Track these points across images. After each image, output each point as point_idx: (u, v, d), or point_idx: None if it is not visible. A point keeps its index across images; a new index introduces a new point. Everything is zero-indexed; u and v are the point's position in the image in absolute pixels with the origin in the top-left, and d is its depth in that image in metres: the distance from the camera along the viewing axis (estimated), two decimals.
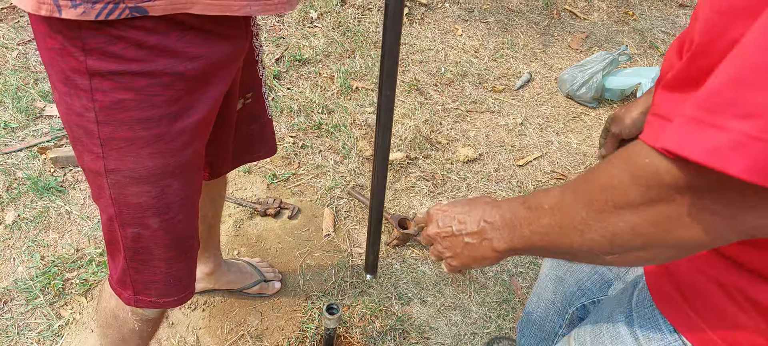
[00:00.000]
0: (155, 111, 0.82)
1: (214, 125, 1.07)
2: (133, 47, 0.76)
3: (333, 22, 3.14)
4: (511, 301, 1.83)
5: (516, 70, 3.01)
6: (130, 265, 0.96)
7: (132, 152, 0.84)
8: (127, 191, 0.87)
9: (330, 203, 2.09)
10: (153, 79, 0.80)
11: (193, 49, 0.81)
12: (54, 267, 1.65)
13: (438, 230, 0.73)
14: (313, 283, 1.80)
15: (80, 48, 0.76)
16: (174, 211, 0.92)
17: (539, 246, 0.60)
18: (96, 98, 0.80)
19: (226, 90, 0.96)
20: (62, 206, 1.83)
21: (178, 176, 0.90)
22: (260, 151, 1.30)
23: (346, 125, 2.44)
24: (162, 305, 1.03)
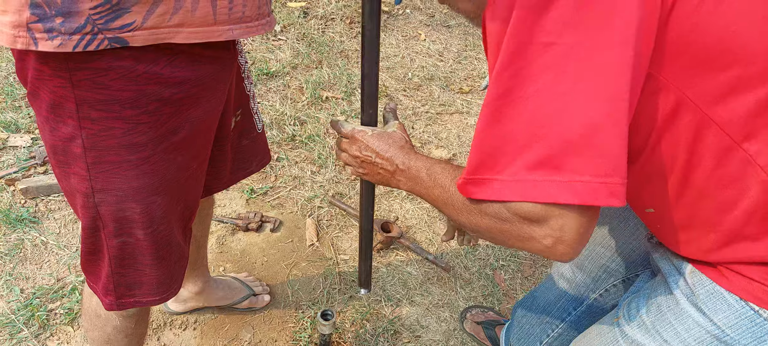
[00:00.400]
0: (141, 137, 0.84)
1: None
2: (122, 78, 0.78)
3: (297, 34, 3.16)
4: (496, 294, 1.89)
5: (480, 71, 3.10)
6: (115, 270, 0.98)
7: (118, 174, 0.86)
8: (114, 207, 0.90)
9: (311, 213, 2.10)
10: (140, 108, 0.81)
11: (179, 73, 0.83)
12: (35, 299, 1.61)
13: (358, 154, 0.93)
14: (302, 293, 1.81)
15: (67, 79, 0.77)
16: (158, 223, 0.95)
17: (430, 204, 0.84)
18: (84, 126, 0.81)
19: (217, 109, 0.98)
20: (37, 237, 1.78)
21: (163, 193, 0.92)
22: (252, 166, 1.32)
23: (320, 135, 2.46)
24: (145, 303, 1.04)
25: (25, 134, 2.13)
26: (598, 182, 0.60)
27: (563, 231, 0.63)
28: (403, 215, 2.13)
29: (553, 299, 1.34)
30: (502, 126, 0.63)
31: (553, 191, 0.61)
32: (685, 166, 0.68)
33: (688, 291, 0.79)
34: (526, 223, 0.65)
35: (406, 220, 2.11)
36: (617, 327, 0.90)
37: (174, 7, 0.75)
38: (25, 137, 2.10)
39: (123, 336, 1.16)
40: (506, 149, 0.63)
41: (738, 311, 0.73)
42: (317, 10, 3.40)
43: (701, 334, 0.77)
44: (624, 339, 0.88)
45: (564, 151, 0.60)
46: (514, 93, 0.62)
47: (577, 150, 0.60)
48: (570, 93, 0.59)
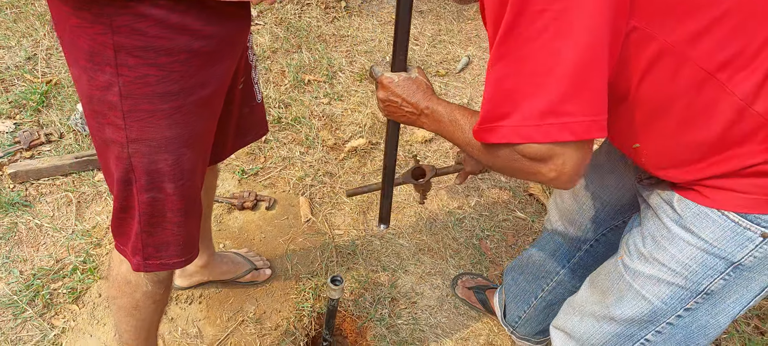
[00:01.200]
0: (174, 86, 0.89)
1: None
2: (157, 25, 0.82)
3: (274, 19, 3.18)
4: (484, 261, 2.00)
5: (455, 54, 3.20)
6: (144, 229, 1.02)
7: (152, 123, 0.91)
8: (147, 159, 0.94)
9: (303, 191, 2.15)
10: (173, 56, 0.86)
11: (209, 28, 0.88)
12: (36, 280, 1.60)
13: (387, 99, 1.02)
14: (301, 266, 1.87)
15: (108, 25, 0.81)
16: (187, 177, 0.99)
17: (451, 143, 0.95)
18: (121, 73, 0.85)
19: (233, 68, 1.03)
20: (31, 220, 1.77)
21: (192, 146, 0.97)
22: (250, 135, 1.36)
23: (306, 117, 2.50)
24: (172, 265, 1.09)
25: (7, 120, 2.08)
26: (590, 120, 0.74)
27: (564, 165, 0.77)
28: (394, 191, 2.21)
29: (548, 254, 1.45)
30: (507, 81, 0.76)
31: (554, 132, 0.74)
32: (666, 101, 0.80)
33: (677, 217, 0.91)
34: (533, 161, 0.79)
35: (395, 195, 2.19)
36: (621, 264, 1.02)
37: None
38: (7, 123, 2.05)
39: (151, 302, 1.19)
40: (513, 100, 0.76)
41: (721, 224, 0.85)
42: None
43: (693, 251, 0.89)
44: (627, 272, 1.00)
45: (560, 99, 0.73)
46: (515, 53, 0.74)
47: (570, 97, 0.73)
48: (561, 50, 0.71)
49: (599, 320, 1.06)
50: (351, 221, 2.07)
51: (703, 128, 0.81)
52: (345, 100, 2.66)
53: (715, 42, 0.75)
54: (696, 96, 0.79)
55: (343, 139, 2.43)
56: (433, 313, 1.81)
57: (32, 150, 1.99)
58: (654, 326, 0.99)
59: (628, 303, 1.00)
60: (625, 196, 1.22)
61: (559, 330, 1.19)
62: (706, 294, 0.92)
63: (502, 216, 2.18)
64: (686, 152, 0.85)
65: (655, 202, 0.97)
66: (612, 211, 1.26)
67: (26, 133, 2.04)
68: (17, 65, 2.44)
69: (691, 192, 0.89)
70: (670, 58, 0.76)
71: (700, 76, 0.77)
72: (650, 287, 0.96)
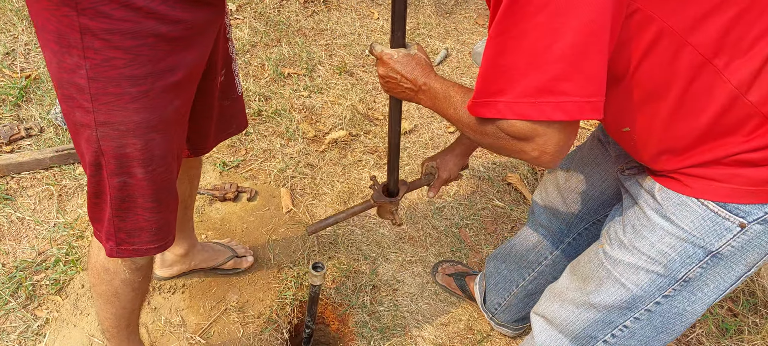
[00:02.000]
0: (141, 69, 0.90)
1: (196, 101, 1.15)
2: (123, 8, 0.84)
3: (253, 13, 3.19)
4: (463, 249, 2.06)
5: (433, 47, 3.24)
6: (115, 214, 1.03)
7: (120, 107, 0.92)
8: (115, 143, 0.95)
9: (284, 183, 2.18)
10: (139, 39, 0.87)
11: (177, 13, 0.90)
12: (19, 272, 1.61)
13: (386, 75, 1.01)
14: (283, 256, 1.91)
15: (73, 7, 0.82)
16: (156, 162, 1.00)
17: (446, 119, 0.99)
18: (88, 56, 0.87)
19: (205, 56, 1.05)
20: (12, 214, 1.77)
21: (161, 131, 0.98)
22: (231, 127, 1.38)
23: (286, 110, 2.53)
24: (144, 252, 1.10)
25: None
26: (584, 101, 0.74)
27: (546, 145, 0.78)
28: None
29: (531, 245, 1.49)
30: (505, 58, 0.76)
31: (548, 110, 0.74)
32: (663, 84, 0.82)
33: (657, 206, 0.94)
34: (516, 140, 0.80)
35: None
36: (602, 252, 1.05)
37: None
38: None
39: (130, 290, 1.20)
40: (509, 76, 0.76)
41: (700, 214, 0.88)
42: None
43: (672, 240, 0.92)
44: (607, 260, 1.03)
45: (556, 77, 0.72)
46: (514, 30, 0.74)
47: (567, 76, 0.72)
48: (560, 29, 0.71)
49: (579, 307, 1.09)
50: (332, 211, 2.10)
51: (696, 115, 0.82)
52: (325, 93, 2.69)
53: (715, 29, 0.75)
54: (692, 81, 0.79)
55: (323, 131, 2.46)
56: (413, 299, 1.85)
57: (12, 144, 1.99)
58: (632, 312, 1.01)
59: (607, 290, 1.02)
60: (608, 190, 1.25)
61: (539, 316, 1.21)
62: (684, 282, 0.94)
63: (481, 205, 2.24)
64: (675, 139, 0.87)
65: (637, 192, 0.99)
66: (595, 205, 1.29)
67: (6, 127, 2.03)
68: None
69: (672, 181, 0.91)
70: (670, 41, 0.77)
71: (698, 61, 0.78)
72: (630, 274, 0.98)
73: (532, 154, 0.80)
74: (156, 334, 1.60)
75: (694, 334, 1.87)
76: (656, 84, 0.82)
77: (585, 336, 1.10)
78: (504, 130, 0.81)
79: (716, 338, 1.86)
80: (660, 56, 0.79)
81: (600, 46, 0.72)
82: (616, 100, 0.88)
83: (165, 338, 1.59)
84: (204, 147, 1.34)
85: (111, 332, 1.30)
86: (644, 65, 0.81)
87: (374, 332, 1.73)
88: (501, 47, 0.76)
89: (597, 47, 0.72)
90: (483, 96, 0.81)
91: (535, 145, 0.79)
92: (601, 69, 0.74)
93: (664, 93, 0.83)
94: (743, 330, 1.89)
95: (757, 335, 1.87)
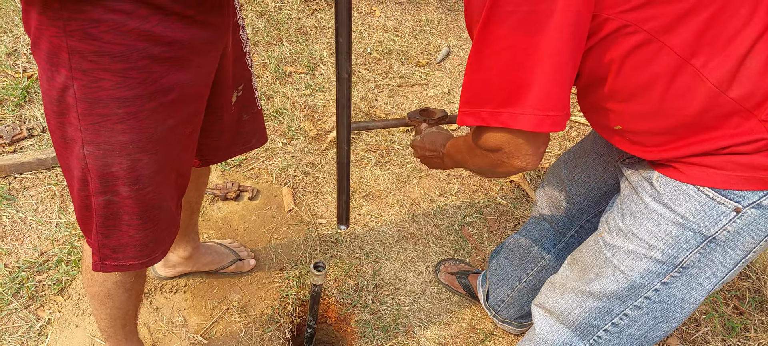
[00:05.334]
0: (130, 92, 0.88)
1: (207, 116, 1.15)
2: (113, 31, 0.82)
3: (255, 12, 3.18)
4: (466, 247, 2.05)
5: (435, 45, 3.23)
6: (100, 230, 1.03)
7: (106, 127, 0.91)
8: (101, 162, 0.94)
9: (286, 181, 2.18)
10: (130, 62, 0.86)
11: (171, 34, 0.88)
12: (21, 272, 1.61)
13: (418, 154, 1.31)
14: (285, 255, 1.90)
15: (61, 28, 0.81)
16: (143, 182, 0.99)
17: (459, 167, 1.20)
18: (76, 76, 0.86)
19: (207, 76, 1.03)
20: (15, 214, 1.77)
21: (150, 151, 0.96)
22: (252, 141, 1.37)
23: (288, 108, 2.52)
24: (128, 267, 1.09)
25: None
26: (542, 115, 0.82)
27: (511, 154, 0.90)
28: (375, 180, 2.25)
29: (533, 239, 1.49)
30: (481, 74, 0.86)
31: (510, 122, 0.84)
32: (644, 85, 0.85)
33: (655, 193, 0.95)
34: (493, 152, 0.92)
35: (377, 185, 2.23)
36: (601, 241, 1.06)
37: None
38: None
39: (123, 291, 1.20)
40: (486, 91, 0.87)
41: (696, 199, 0.90)
42: None
43: (669, 226, 0.94)
44: (606, 248, 1.04)
45: (519, 93, 0.82)
46: (488, 50, 0.83)
47: (527, 92, 0.81)
48: (526, 50, 0.79)
49: (579, 296, 1.10)
50: (334, 209, 2.10)
51: (680, 112, 0.85)
52: (327, 92, 2.68)
53: (691, 30, 0.79)
54: (672, 81, 0.83)
55: (325, 129, 2.46)
56: (416, 298, 1.85)
57: (15, 144, 1.99)
58: (632, 300, 1.03)
59: (607, 278, 1.04)
60: (609, 181, 1.26)
61: (539, 308, 1.22)
62: (682, 268, 0.96)
63: (483, 203, 2.23)
64: (665, 134, 0.89)
65: (636, 180, 1.00)
66: (597, 196, 1.30)
67: (8, 127, 2.03)
68: None
69: (669, 169, 0.93)
70: (647, 45, 0.81)
71: (676, 62, 0.81)
72: (628, 261, 1.00)
73: (509, 165, 0.92)
74: (158, 334, 1.60)
75: (699, 332, 1.85)
76: (638, 85, 0.85)
77: (585, 326, 1.11)
78: (481, 146, 0.94)
79: (722, 336, 1.85)
80: (639, 59, 0.83)
81: (561, 64, 0.80)
82: (603, 103, 0.91)
83: (167, 337, 1.59)
84: (214, 159, 1.33)
85: (108, 332, 1.30)
86: (625, 69, 0.84)
87: (377, 332, 1.73)
88: (477, 65, 0.86)
89: (558, 64, 0.80)
90: (467, 105, 0.91)
91: (503, 155, 0.91)
92: (561, 85, 0.81)
93: (647, 93, 0.86)
94: (749, 329, 1.87)
95: (763, 333, 1.86)
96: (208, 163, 1.33)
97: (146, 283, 1.69)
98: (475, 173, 1.09)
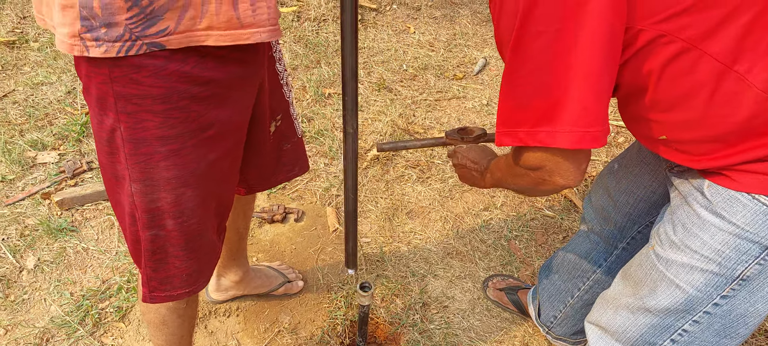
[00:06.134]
0: (172, 130, 0.94)
1: (247, 147, 1.20)
2: (154, 76, 0.88)
3: (293, 37, 3.26)
4: (514, 262, 2.02)
5: (471, 57, 3.23)
6: (148, 264, 1.08)
7: (151, 165, 0.96)
8: (147, 198, 0.99)
9: (330, 202, 2.21)
10: (171, 103, 0.91)
11: (208, 74, 0.92)
12: (85, 300, 1.70)
13: (458, 161, 1.31)
14: (331, 276, 1.93)
15: (107, 75, 0.87)
16: (187, 215, 1.04)
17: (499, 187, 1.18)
18: (121, 119, 0.91)
19: (245, 110, 1.07)
20: (78, 244, 1.87)
21: (193, 185, 1.01)
22: (295, 169, 1.41)
23: (328, 129, 2.57)
24: (175, 297, 1.14)
25: (52, 151, 2.20)
26: (582, 132, 0.81)
27: (552, 173, 0.90)
28: (416, 197, 2.26)
29: (583, 253, 1.46)
30: (515, 94, 0.86)
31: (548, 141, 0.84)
32: (687, 94, 0.83)
33: (707, 202, 0.92)
34: (534, 170, 0.92)
35: (419, 201, 2.24)
36: (653, 254, 1.02)
37: (201, 11, 0.85)
38: (52, 154, 2.18)
39: (176, 316, 1.26)
40: (521, 111, 0.87)
41: (752, 208, 0.86)
42: (309, 13, 3.50)
43: (725, 237, 0.90)
44: (659, 261, 1.00)
45: (556, 111, 0.81)
46: (520, 70, 0.83)
47: (565, 110, 0.81)
48: (560, 67, 0.79)
49: (634, 312, 1.06)
50: (377, 228, 2.12)
51: (727, 119, 0.82)
52: (365, 110, 2.72)
53: (731, 36, 0.77)
54: (716, 89, 0.81)
55: (365, 148, 2.49)
56: (465, 316, 1.84)
57: (76, 178, 2.11)
58: (690, 315, 0.99)
59: (662, 293, 1.00)
60: (659, 190, 1.22)
61: (593, 325, 1.19)
62: (743, 280, 0.92)
63: (529, 215, 2.20)
64: (713, 142, 0.87)
65: (686, 189, 0.97)
66: (647, 206, 1.27)
67: (70, 162, 2.15)
68: (59, 99, 2.58)
69: (721, 177, 0.90)
70: (687, 54, 0.79)
71: (718, 69, 0.79)
72: (684, 275, 0.96)
73: (552, 183, 0.91)
74: None
75: None
76: (679, 95, 0.84)
77: (643, 343, 1.07)
78: (522, 165, 0.94)
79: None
80: (679, 68, 0.81)
81: (596, 79, 0.79)
82: (644, 112, 0.90)
83: None
84: (258, 188, 1.37)
85: None
86: (664, 79, 0.83)
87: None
88: (511, 86, 0.87)
89: (592, 81, 0.79)
90: (505, 125, 0.91)
91: (544, 173, 0.91)
92: (598, 100, 0.81)
93: (690, 102, 0.84)
94: None
95: None
96: (254, 191, 1.38)
97: (200, 307, 1.75)
98: (518, 192, 1.08)
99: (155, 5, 0.81)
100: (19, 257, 1.84)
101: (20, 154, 2.17)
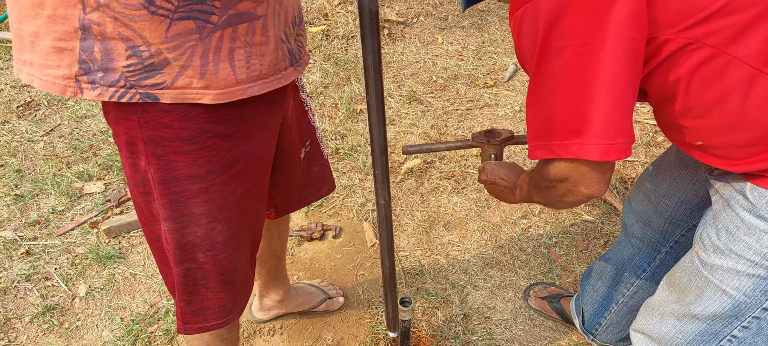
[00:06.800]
0: (201, 169, 0.96)
1: (277, 173, 1.23)
2: (182, 119, 0.90)
3: (323, 56, 3.32)
4: (555, 269, 1.98)
5: (501, 64, 3.21)
6: (182, 297, 1.10)
7: (181, 202, 0.98)
8: (178, 233, 1.02)
9: (366, 217, 2.23)
10: (199, 143, 0.93)
11: (232, 111, 0.94)
12: (135, 325, 1.75)
13: (486, 178, 1.26)
14: (372, 291, 1.93)
15: (136, 121, 0.90)
16: (218, 248, 1.06)
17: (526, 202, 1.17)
18: (151, 161, 0.93)
19: (270, 142, 1.10)
20: (126, 271, 1.93)
21: (223, 220, 1.03)
22: (323, 189, 1.44)
23: (362, 145, 2.59)
24: (210, 328, 1.16)
25: (98, 181, 2.29)
26: (607, 144, 0.82)
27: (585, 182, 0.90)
28: (452, 208, 2.24)
29: (627, 258, 1.43)
30: (542, 110, 0.88)
31: (577, 152, 0.85)
32: (719, 98, 0.81)
33: (750, 206, 0.89)
34: (560, 182, 0.93)
35: (456, 212, 2.22)
36: (697, 259, 1.00)
37: (200, 72, 0.87)
38: (98, 184, 2.26)
39: (219, 341, 1.28)
40: (550, 125, 0.88)
41: None
42: (337, 31, 3.55)
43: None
44: (704, 267, 0.98)
45: (583, 124, 0.83)
46: (545, 86, 0.86)
47: (591, 123, 0.82)
48: (583, 82, 0.80)
49: (680, 319, 1.04)
50: (415, 241, 2.11)
51: (763, 121, 0.81)
52: (396, 124, 2.73)
53: (759, 39, 0.76)
54: (748, 93, 0.79)
55: (398, 161, 2.49)
56: (508, 326, 1.81)
57: (121, 206, 2.19)
58: (739, 321, 0.96)
59: (708, 299, 0.98)
60: (700, 192, 1.19)
61: (639, 333, 1.17)
62: None
63: (569, 221, 2.16)
64: (751, 146, 0.85)
65: (727, 193, 0.95)
66: (688, 209, 1.24)
67: (115, 191, 2.24)
68: (102, 131, 2.69)
69: (763, 179, 0.88)
70: (714, 60, 0.78)
71: (749, 73, 0.78)
72: (730, 280, 0.94)
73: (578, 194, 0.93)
74: None
75: None
76: (711, 100, 0.83)
77: None
78: (547, 179, 0.96)
79: None
80: (707, 74, 0.80)
81: (619, 92, 0.80)
82: (677, 119, 0.89)
83: None
84: (288, 210, 1.40)
85: None
86: (693, 85, 0.82)
87: None
88: (536, 103, 0.89)
89: (616, 93, 0.80)
90: (536, 140, 0.93)
91: (570, 185, 0.92)
92: (622, 112, 0.82)
93: (722, 107, 0.82)
94: None
95: None
96: (283, 214, 1.40)
97: (245, 328, 1.78)
98: (544, 205, 1.09)
99: (155, 60, 0.83)
100: (71, 285, 1.92)
101: (68, 186, 2.27)
